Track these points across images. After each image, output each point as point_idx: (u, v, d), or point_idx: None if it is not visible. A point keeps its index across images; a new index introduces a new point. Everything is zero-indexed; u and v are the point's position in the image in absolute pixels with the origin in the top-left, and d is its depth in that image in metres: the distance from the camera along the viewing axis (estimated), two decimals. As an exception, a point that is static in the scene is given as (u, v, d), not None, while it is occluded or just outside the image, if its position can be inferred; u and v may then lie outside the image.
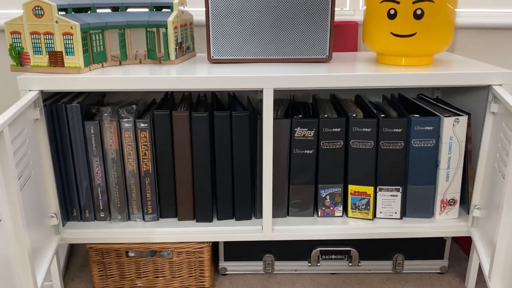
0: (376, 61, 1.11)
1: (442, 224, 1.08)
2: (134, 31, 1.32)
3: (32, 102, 0.91)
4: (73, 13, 1.01)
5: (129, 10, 1.11)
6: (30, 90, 0.92)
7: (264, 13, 1.04)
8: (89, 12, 1.05)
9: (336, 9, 1.37)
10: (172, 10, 1.08)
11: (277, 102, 1.20)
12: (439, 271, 1.19)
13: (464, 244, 1.30)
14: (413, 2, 0.96)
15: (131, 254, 1.10)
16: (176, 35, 1.07)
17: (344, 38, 1.29)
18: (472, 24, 1.33)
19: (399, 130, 1.03)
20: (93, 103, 1.11)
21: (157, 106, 1.10)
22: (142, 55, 1.16)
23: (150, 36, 1.08)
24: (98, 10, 1.06)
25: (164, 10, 1.11)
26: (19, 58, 0.97)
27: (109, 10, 1.09)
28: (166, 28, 1.04)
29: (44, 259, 0.93)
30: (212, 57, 1.08)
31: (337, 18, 1.35)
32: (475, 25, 1.33)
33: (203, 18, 1.30)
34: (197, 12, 1.35)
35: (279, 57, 1.08)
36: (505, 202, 0.84)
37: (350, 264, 1.17)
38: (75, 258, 1.27)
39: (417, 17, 0.97)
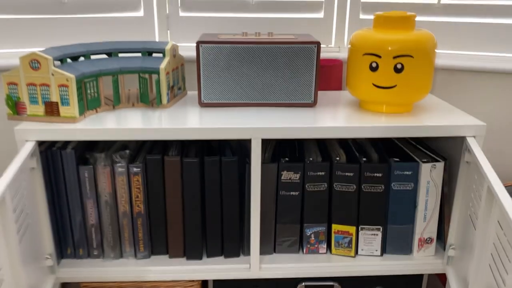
0: (359, 105, 1.17)
1: (420, 261, 1.14)
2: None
3: (29, 152, 0.94)
4: (68, 60, 1.04)
5: (121, 54, 1.15)
6: (27, 141, 0.96)
7: (251, 63, 1.09)
8: (83, 58, 1.09)
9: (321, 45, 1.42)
10: (164, 55, 1.12)
11: (264, 143, 1.25)
12: (417, 303, 1.25)
13: (441, 276, 1.37)
14: (394, 57, 1.02)
15: (123, 291, 1.14)
16: (168, 80, 1.11)
17: (329, 77, 1.35)
18: (450, 66, 1.39)
19: (380, 174, 1.09)
20: (87, 143, 1.14)
21: (149, 149, 1.14)
22: (135, 96, 1.20)
23: (142, 82, 1.12)
24: (92, 56, 1.10)
25: (155, 55, 1.15)
26: (16, 107, 1.00)
27: (103, 55, 1.13)
28: (159, 74, 1.09)
29: (40, 302, 0.96)
30: (203, 101, 1.13)
31: (322, 55, 1.41)
32: (453, 67, 1.39)
33: (193, 53, 1.35)
34: (188, 48, 1.39)
35: (267, 101, 1.13)
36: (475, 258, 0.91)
37: (334, 296, 1.22)
38: (68, 290, 1.30)
39: (398, 70, 1.03)
